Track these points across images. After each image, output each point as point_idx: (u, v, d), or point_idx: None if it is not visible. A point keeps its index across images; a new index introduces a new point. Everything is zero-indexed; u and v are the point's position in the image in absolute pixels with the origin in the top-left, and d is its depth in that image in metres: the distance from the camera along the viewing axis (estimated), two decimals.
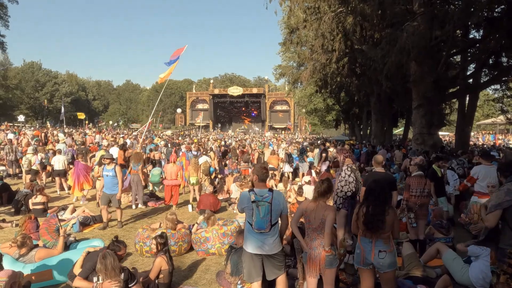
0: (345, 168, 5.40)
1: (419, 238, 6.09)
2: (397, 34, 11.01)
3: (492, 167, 6.83)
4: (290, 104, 68.67)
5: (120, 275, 3.91)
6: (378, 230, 3.75)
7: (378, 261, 3.75)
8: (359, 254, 3.89)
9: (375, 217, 3.74)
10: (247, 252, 4.02)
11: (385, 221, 3.74)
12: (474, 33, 16.91)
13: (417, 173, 6.18)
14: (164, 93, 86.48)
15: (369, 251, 3.79)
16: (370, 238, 3.81)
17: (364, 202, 3.94)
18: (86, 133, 27.62)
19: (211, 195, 9.58)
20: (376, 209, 3.76)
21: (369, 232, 3.79)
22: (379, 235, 3.76)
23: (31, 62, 72.92)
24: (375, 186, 3.97)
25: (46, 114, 68.25)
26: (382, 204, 3.81)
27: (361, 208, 3.90)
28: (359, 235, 3.93)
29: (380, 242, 3.77)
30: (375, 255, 3.75)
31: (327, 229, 3.83)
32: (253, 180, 4.14)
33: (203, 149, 16.44)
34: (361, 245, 3.88)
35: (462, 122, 17.97)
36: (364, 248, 3.84)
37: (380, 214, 3.75)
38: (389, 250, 3.77)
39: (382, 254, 3.74)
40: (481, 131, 58.21)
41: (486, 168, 6.82)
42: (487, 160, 7.05)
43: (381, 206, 3.80)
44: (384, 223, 3.74)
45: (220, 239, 6.54)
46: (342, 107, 35.19)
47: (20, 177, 13.48)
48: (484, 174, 6.73)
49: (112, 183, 7.93)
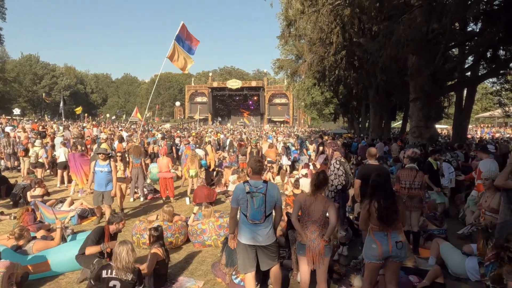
0: (333, 161, 5.44)
1: (413, 230, 6.15)
2: (393, 27, 11.00)
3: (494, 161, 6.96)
4: (289, 97, 68.52)
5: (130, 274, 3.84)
6: (394, 222, 3.83)
7: (397, 252, 3.83)
8: (375, 249, 3.86)
9: (389, 209, 3.80)
10: (241, 243, 4.09)
11: (398, 212, 3.85)
12: (472, 26, 16.90)
13: (409, 165, 6.23)
14: (163, 86, 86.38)
15: (386, 244, 3.82)
16: (385, 231, 3.85)
17: (373, 197, 3.95)
18: (84, 127, 27.60)
19: (205, 187, 9.61)
20: (388, 202, 3.82)
21: (385, 225, 3.83)
22: (394, 227, 3.84)
23: (29, 55, 72.58)
24: (380, 180, 4.02)
25: (44, 107, 68.10)
26: (392, 196, 3.90)
27: (372, 204, 3.91)
28: (371, 231, 3.95)
29: (395, 233, 3.85)
30: (392, 246, 3.81)
31: (333, 220, 3.91)
32: (248, 172, 4.20)
33: (200, 142, 16.47)
34: (376, 240, 3.87)
35: (459, 115, 17.99)
36: (380, 243, 3.84)
37: (393, 205, 3.83)
38: (403, 240, 3.88)
39: (399, 244, 3.83)
40: (480, 124, 58.36)
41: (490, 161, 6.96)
42: (485, 153, 7.13)
43: (391, 198, 3.88)
44: (398, 213, 3.85)
45: (216, 231, 6.60)
46: (340, 100, 35.20)
47: (19, 170, 13.52)
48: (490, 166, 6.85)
49: (107, 179, 7.49)
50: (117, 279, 3.81)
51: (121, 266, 3.80)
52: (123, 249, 3.83)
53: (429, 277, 4.58)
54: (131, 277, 3.83)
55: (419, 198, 6.28)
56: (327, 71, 22.29)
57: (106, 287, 3.80)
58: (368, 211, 3.94)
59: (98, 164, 7.46)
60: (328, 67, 21.50)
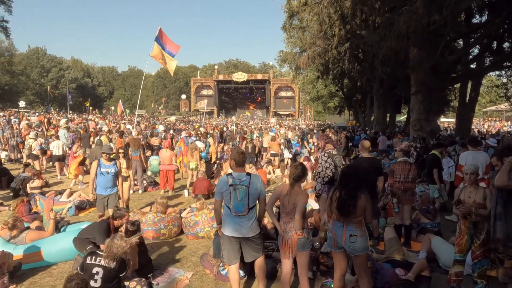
0: (322, 154, 5.43)
1: (405, 223, 6.15)
2: (394, 19, 10.87)
3: (479, 152, 6.82)
4: (295, 91, 68.22)
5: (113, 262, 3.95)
6: (350, 215, 3.79)
7: (349, 245, 3.81)
8: (331, 237, 3.95)
9: (347, 201, 3.78)
10: (225, 235, 4.12)
11: (356, 205, 3.78)
12: (478, 18, 16.64)
13: (402, 159, 6.20)
14: (169, 79, 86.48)
15: (340, 235, 3.85)
16: (342, 222, 3.86)
17: (338, 187, 3.98)
18: (89, 119, 27.79)
19: (205, 179, 9.69)
20: (348, 194, 3.80)
21: (341, 216, 3.84)
22: (350, 220, 3.81)
23: (36, 48, 72.98)
24: (348, 171, 4.00)
25: (51, 100, 68.63)
26: (354, 189, 3.83)
27: (334, 193, 3.94)
28: (331, 219, 3.98)
29: (351, 226, 3.82)
30: (346, 239, 3.81)
31: (298, 213, 3.87)
32: (231, 164, 4.21)
33: (201, 134, 16.51)
34: (333, 229, 3.94)
35: (463, 109, 17.80)
36: (336, 232, 3.90)
37: (352, 199, 3.78)
38: (360, 235, 3.81)
39: (352, 238, 3.80)
40: (488, 117, 57.67)
41: (473, 154, 6.80)
42: (474, 146, 7.02)
43: (353, 191, 3.82)
44: (356, 207, 3.78)
45: (209, 223, 6.65)
46: (345, 94, 34.97)
47: (22, 162, 13.70)
48: (472, 159, 6.70)
49: (113, 181, 6.71)
50: (100, 266, 3.90)
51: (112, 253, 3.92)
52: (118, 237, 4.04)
53: (414, 270, 4.57)
54: (113, 264, 3.92)
55: (412, 191, 6.27)
56: (330, 63, 22.14)
57: (89, 273, 3.88)
58: (331, 199, 3.97)
59: (102, 165, 6.60)
60: (332, 60, 21.36)
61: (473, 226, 4.27)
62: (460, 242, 4.37)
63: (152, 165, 12.40)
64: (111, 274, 3.90)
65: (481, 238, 4.22)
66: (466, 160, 6.73)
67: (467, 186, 4.41)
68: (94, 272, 3.87)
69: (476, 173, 4.41)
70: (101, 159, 6.64)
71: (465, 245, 4.32)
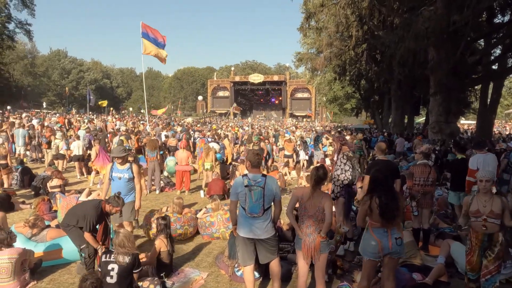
0: (340, 156, 5.38)
1: (423, 227, 6.04)
2: (412, 19, 10.72)
3: (488, 155, 6.61)
4: (311, 92, 67.99)
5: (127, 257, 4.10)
6: (395, 219, 3.77)
7: (396, 248, 3.78)
8: (375, 246, 3.80)
9: (390, 206, 3.74)
10: (240, 236, 4.13)
11: (399, 207, 3.79)
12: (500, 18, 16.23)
13: (422, 161, 6.09)
14: (186, 80, 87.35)
15: (386, 241, 3.77)
16: (385, 227, 3.79)
17: (374, 193, 3.88)
18: (107, 120, 28.28)
19: (220, 180, 9.73)
20: (389, 198, 3.76)
21: (386, 222, 3.77)
22: (393, 223, 3.79)
23: (57, 50, 75.04)
24: (379, 176, 3.96)
25: (72, 101, 70.23)
26: (392, 191, 3.84)
27: (373, 201, 3.82)
28: (370, 228, 3.89)
29: (395, 229, 3.79)
30: (393, 243, 3.76)
31: (328, 217, 3.89)
32: (246, 166, 4.22)
33: (217, 136, 16.59)
34: (375, 237, 3.81)
35: (484, 110, 17.38)
36: (380, 239, 3.78)
37: (394, 202, 3.76)
38: (402, 236, 3.84)
39: (399, 241, 3.78)
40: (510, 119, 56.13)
41: (483, 157, 6.59)
42: (480, 149, 6.79)
43: (392, 194, 3.82)
44: (399, 209, 3.79)
45: (224, 224, 6.67)
46: (362, 95, 34.60)
47: (43, 161, 14.04)
48: (483, 163, 6.49)
49: (127, 188, 5.82)
50: (115, 262, 4.04)
51: (120, 250, 4.07)
52: (120, 235, 4.14)
53: (432, 275, 4.49)
54: (128, 259, 4.05)
55: (431, 194, 6.16)
56: (347, 65, 21.97)
57: (105, 270, 4.02)
58: (370, 207, 3.85)
59: (115, 169, 5.85)
60: (349, 61, 21.20)
61: (488, 239, 4.00)
62: (471, 259, 4.11)
63: (168, 165, 12.54)
64: (126, 270, 4.04)
65: (496, 251, 3.96)
66: (477, 164, 6.49)
67: (481, 194, 4.10)
68: (110, 268, 4.01)
69: (492, 180, 4.14)
70: (115, 162, 5.93)
71: (477, 262, 4.07)
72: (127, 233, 4.27)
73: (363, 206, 3.94)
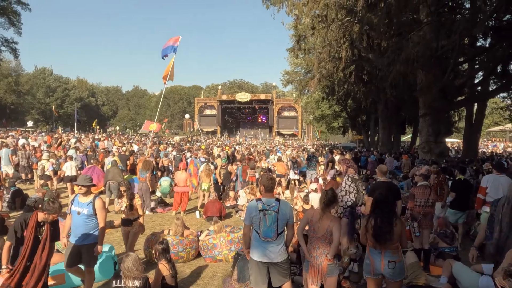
0: (346, 178, 5.51)
1: (424, 247, 6.16)
2: (402, 43, 11.15)
3: (502, 177, 6.76)
4: (297, 110, 68.83)
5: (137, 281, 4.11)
6: (386, 242, 3.85)
7: (388, 271, 3.86)
8: (368, 264, 3.96)
9: (383, 229, 3.83)
10: (254, 259, 4.16)
11: (393, 232, 3.85)
12: (482, 41, 16.93)
13: (422, 183, 6.25)
14: (172, 99, 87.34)
15: (378, 262, 3.88)
16: (379, 249, 3.89)
17: (372, 214, 4.01)
18: (98, 139, 27.96)
19: (217, 201, 9.73)
20: (384, 221, 3.86)
21: (378, 243, 3.87)
22: (387, 246, 3.87)
23: (43, 68, 74.30)
24: (381, 198, 4.07)
25: (56, 119, 69.25)
26: (389, 216, 3.90)
27: (369, 221, 3.96)
28: (367, 246, 4.01)
29: (389, 252, 3.87)
30: (384, 265, 3.85)
31: (336, 240, 3.96)
32: (260, 190, 4.28)
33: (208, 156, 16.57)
34: (370, 256, 3.95)
35: (469, 130, 17.92)
36: (373, 259, 3.92)
37: (388, 226, 3.84)
38: (398, 260, 3.87)
39: (391, 264, 3.85)
40: (491, 138, 57.77)
41: (496, 177, 6.75)
42: (499, 171, 6.93)
43: (388, 218, 3.89)
44: (392, 234, 3.85)
45: (227, 246, 6.66)
46: (349, 114, 35.23)
47: (33, 182, 13.76)
48: (493, 183, 6.67)
49: (87, 226, 4.79)
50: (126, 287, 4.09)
51: (128, 274, 4.11)
52: (128, 259, 4.17)
53: None
54: (138, 283, 4.09)
55: (431, 215, 6.30)
56: (336, 85, 22.45)
57: None
58: (366, 227, 3.99)
59: (76, 201, 4.89)
60: (337, 82, 21.68)
61: None
62: None
63: (162, 186, 12.41)
64: None
65: None
66: (488, 183, 6.67)
67: None
68: None
69: None
70: (78, 194, 4.94)
71: None
72: (134, 257, 4.27)
73: (362, 225, 4.13)
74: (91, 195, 4.93)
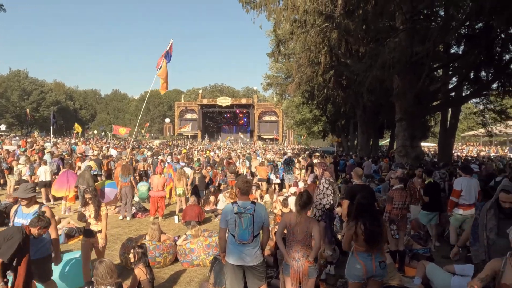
0: (323, 181, 5.57)
1: (399, 249, 6.28)
2: (379, 49, 11.39)
3: (471, 179, 6.98)
4: (278, 115, 69.24)
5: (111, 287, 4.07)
6: (379, 244, 3.94)
7: (380, 271, 3.93)
8: (360, 269, 3.93)
9: (375, 232, 3.89)
10: (229, 263, 4.14)
11: (383, 233, 3.97)
12: (456, 48, 17.47)
13: (399, 186, 6.37)
14: (153, 103, 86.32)
15: (370, 265, 3.90)
16: (369, 252, 3.92)
17: (359, 219, 3.99)
18: (76, 143, 27.42)
19: (196, 206, 9.67)
20: (374, 224, 3.91)
21: (370, 247, 3.91)
22: (378, 248, 3.94)
23: (17, 70, 72.21)
24: (366, 202, 4.12)
25: (32, 123, 67.43)
26: (377, 218, 4.00)
27: (358, 226, 3.95)
28: (355, 252, 4.02)
29: (378, 254, 3.95)
30: (376, 266, 3.89)
31: (317, 241, 4.01)
32: (236, 193, 4.28)
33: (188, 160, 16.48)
34: (360, 261, 3.94)
35: (444, 135, 18.41)
36: (364, 263, 3.91)
37: (379, 228, 3.93)
38: (385, 259, 4.00)
39: (382, 264, 3.93)
40: (466, 142, 59.51)
41: (468, 180, 6.96)
42: (466, 173, 7.17)
43: (376, 219, 3.98)
44: (383, 235, 3.97)
45: (205, 251, 6.62)
46: (328, 118, 35.64)
47: (5, 188, 13.34)
48: (467, 186, 6.85)
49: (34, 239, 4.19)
50: None
51: (102, 282, 4.06)
52: (102, 266, 4.13)
53: None
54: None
55: (406, 218, 6.45)
56: (315, 90, 22.70)
57: None
58: (355, 233, 3.98)
59: (19, 213, 4.55)
60: (317, 87, 21.92)
61: None
62: None
63: (140, 191, 12.25)
64: None
65: None
66: (462, 186, 6.84)
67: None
68: None
69: None
70: (20, 205, 4.59)
71: None
72: (108, 263, 4.20)
73: (349, 231, 4.07)
74: (35, 205, 4.58)
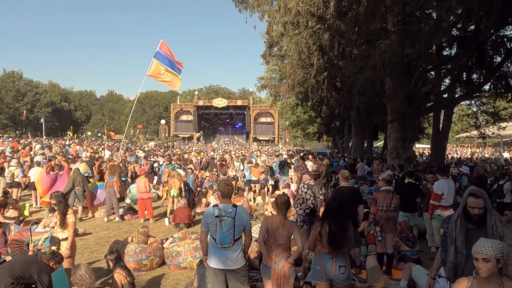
0: (301, 185, 5.55)
1: (387, 251, 6.24)
2: (370, 51, 11.39)
3: (449, 181, 7.04)
4: (274, 116, 69.26)
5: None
6: (342, 247, 3.90)
7: (338, 276, 3.89)
8: (319, 270, 3.95)
9: (338, 234, 3.87)
10: (211, 267, 4.11)
11: (347, 237, 3.90)
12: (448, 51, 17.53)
13: (385, 188, 6.34)
14: (148, 104, 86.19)
15: (330, 267, 3.90)
16: (331, 254, 3.92)
17: (325, 220, 4.01)
18: (69, 145, 27.27)
19: (186, 208, 9.63)
20: (338, 227, 3.89)
21: (332, 249, 3.90)
22: (340, 252, 3.91)
23: (12, 71, 71.82)
24: (334, 204, 4.10)
25: (26, 124, 67.06)
26: (342, 221, 3.94)
27: (323, 227, 3.97)
28: (318, 252, 4.02)
29: (340, 257, 3.92)
30: (336, 270, 3.88)
31: (299, 244, 4.00)
32: (218, 195, 4.25)
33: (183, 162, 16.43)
34: (321, 261, 3.96)
35: (437, 136, 18.46)
36: (324, 264, 3.93)
37: (343, 231, 3.89)
38: (347, 265, 3.94)
39: (342, 269, 3.89)
40: (460, 144, 59.72)
41: (447, 182, 7.00)
42: (443, 175, 7.21)
43: (342, 223, 3.93)
44: (347, 239, 3.90)
45: (192, 253, 6.58)
46: (323, 120, 35.68)
47: None
48: (448, 188, 6.87)
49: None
50: None
51: (81, 284, 4.04)
52: (80, 268, 4.13)
53: None
54: None
55: (394, 220, 6.40)
56: (309, 92, 22.69)
57: None
58: (320, 233, 4.00)
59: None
60: (311, 88, 21.92)
61: None
62: None
63: (131, 193, 12.21)
64: None
65: None
66: (443, 189, 6.86)
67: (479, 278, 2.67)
68: None
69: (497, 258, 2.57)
70: None
71: None
72: (84, 268, 4.17)
73: (314, 231, 4.10)
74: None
